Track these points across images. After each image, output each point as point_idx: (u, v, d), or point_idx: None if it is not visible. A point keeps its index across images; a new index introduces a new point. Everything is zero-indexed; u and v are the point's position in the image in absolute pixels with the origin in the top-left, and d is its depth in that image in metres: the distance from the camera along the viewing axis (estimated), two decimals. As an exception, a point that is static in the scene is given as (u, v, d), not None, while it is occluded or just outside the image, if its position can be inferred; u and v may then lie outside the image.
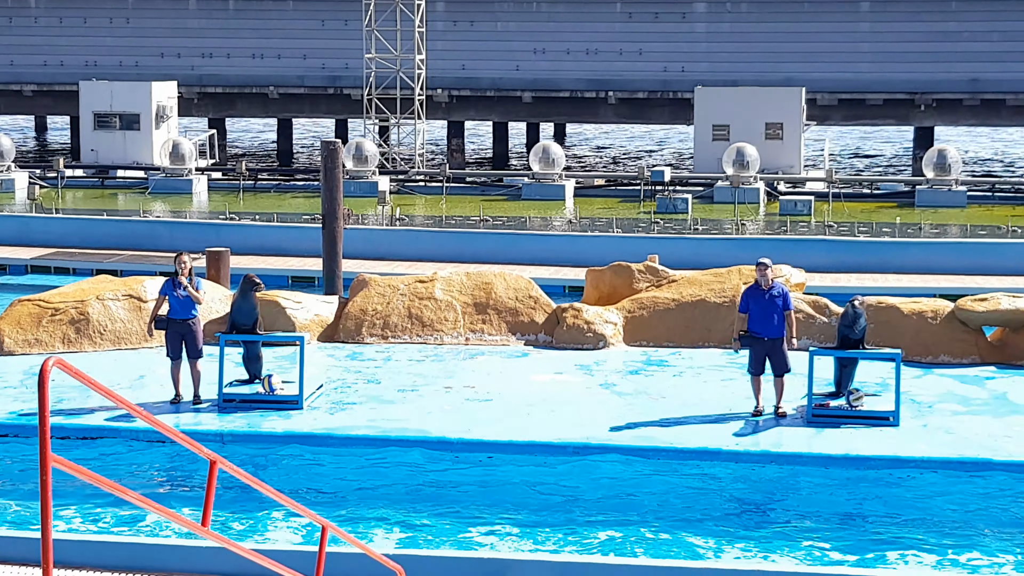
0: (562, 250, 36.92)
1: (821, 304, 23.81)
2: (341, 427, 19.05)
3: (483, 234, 38.34)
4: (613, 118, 59.53)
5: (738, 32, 56.65)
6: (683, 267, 26.54)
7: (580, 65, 57.67)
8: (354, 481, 17.71)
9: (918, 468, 17.75)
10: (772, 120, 49.77)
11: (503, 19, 58.26)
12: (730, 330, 23.35)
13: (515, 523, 16.12)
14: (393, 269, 34.21)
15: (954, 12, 55.03)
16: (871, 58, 55.41)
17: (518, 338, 24.23)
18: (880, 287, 32.40)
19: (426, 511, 16.53)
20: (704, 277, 24.85)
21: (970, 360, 22.75)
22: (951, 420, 19.42)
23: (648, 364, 22.76)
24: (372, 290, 24.82)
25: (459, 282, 24.81)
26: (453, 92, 57.90)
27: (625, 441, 18.52)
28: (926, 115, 55.70)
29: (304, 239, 36.61)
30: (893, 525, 16.18)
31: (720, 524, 16.15)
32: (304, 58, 59.16)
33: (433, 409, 19.87)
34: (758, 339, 19.35)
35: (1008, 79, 54.14)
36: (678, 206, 43.42)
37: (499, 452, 18.40)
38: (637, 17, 57.29)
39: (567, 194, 47.29)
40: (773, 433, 18.88)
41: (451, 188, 48.62)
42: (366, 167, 48.28)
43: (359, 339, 24.16)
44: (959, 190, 45.91)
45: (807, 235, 38.15)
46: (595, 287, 25.69)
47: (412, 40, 52.78)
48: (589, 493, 17.24)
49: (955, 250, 36.38)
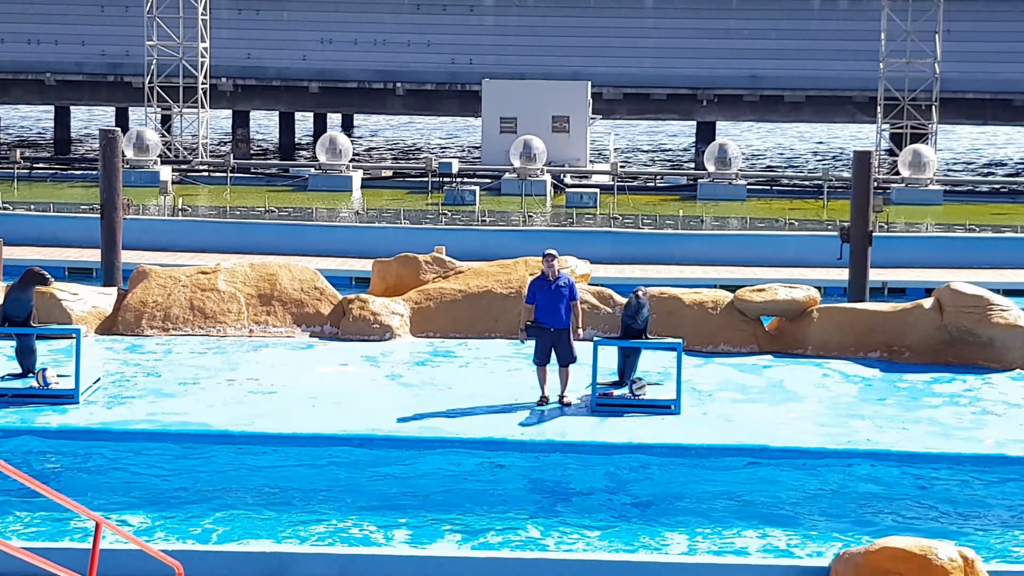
0: (349, 241, 36.73)
1: (606, 295, 24.03)
2: (119, 421, 18.65)
3: (268, 225, 38.00)
4: (401, 109, 59.42)
5: (525, 26, 56.95)
6: (470, 258, 26.57)
7: (368, 56, 57.43)
8: (132, 476, 17.35)
9: (698, 455, 18.03)
10: (559, 113, 50.17)
11: (290, 8, 57.74)
12: (517, 321, 23.48)
13: (298, 517, 15.95)
14: (175, 260, 33.68)
15: (734, 10, 56.04)
16: (655, 54, 56.15)
17: (303, 330, 24.02)
18: (663, 278, 32.86)
19: (206, 506, 16.27)
20: (491, 268, 24.91)
21: (748, 349, 23.17)
22: (730, 408, 19.76)
23: (435, 355, 22.73)
24: (152, 281, 24.37)
25: (243, 273, 24.50)
26: (238, 81, 57.23)
27: (411, 432, 18.47)
28: (708, 110, 56.65)
29: (82, 229, 35.81)
30: (674, 511, 16.39)
31: (506, 513, 16.18)
32: (83, 44, 57.89)
33: (215, 402, 19.58)
34: (544, 329, 19.47)
35: (786, 76, 55.30)
36: (465, 198, 43.53)
37: (283, 445, 18.20)
38: (425, 9, 57.26)
39: (354, 185, 47.10)
40: (558, 422, 19.00)
41: (236, 178, 48.07)
42: (147, 156, 47.52)
43: (139, 332, 23.71)
44: (739, 184, 46.83)
45: (592, 227, 38.54)
46: (382, 278, 25.59)
47: (195, 28, 52.02)
48: (374, 485, 17.15)
49: (735, 242, 37.12)
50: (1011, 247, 37.06)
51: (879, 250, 29.04)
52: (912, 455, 17.99)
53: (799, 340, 23.19)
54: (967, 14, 53.90)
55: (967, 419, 19.47)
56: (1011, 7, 54.90)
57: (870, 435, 18.60)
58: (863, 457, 17.96)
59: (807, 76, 55.14)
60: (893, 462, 17.89)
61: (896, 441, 18.39)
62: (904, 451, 18.09)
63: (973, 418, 19.55)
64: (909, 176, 46.48)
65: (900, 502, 16.80)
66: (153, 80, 51.68)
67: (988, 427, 19.11)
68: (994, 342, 22.22)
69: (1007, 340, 22.20)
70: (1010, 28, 54.73)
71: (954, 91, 52.86)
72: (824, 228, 38.42)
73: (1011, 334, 22.19)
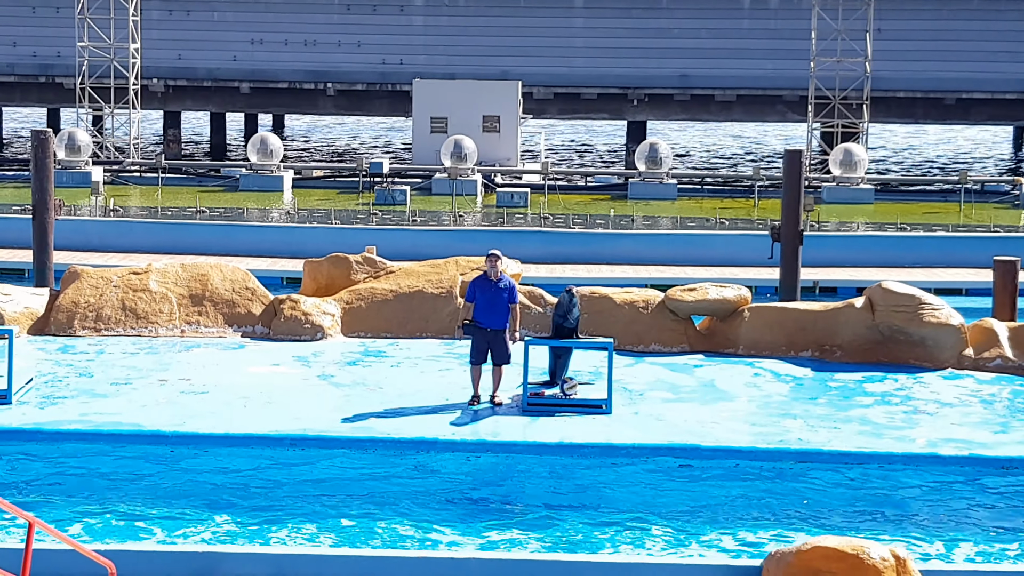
0: (280, 241, 36.69)
1: (536, 295, 24.12)
2: (51, 422, 18.60)
3: (200, 225, 37.88)
4: (332, 110, 59.32)
5: (455, 25, 56.99)
6: (401, 258, 26.61)
7: (298, 56, 57.32)
8: (64, 477, 17.30)
9: (629, 455, 18.14)
10: (489, 113, 50.25)
11: (220, 9, 57.54)
12: (448, 320, 23.56)
13: (230, 517, 15.95)
14: (107, 261, 33.52)
15: (665, 9, 56.29)
16: (585, 53, 56.32)
17: (235, 330, 23.99)
18: (594, 278, 33.03)
19: (139, 506, 16.25)
20: (422, 268, 24.95)
21: (680, 348, 23.30)
22: (661, 407, 19.88)
23: (366, 355, 22.76)
24: (84, 282, 24.28)
25: (174, 274, 24.44)
26: (169, 82, 56.97)
27: (343, 432, 18.50)
28: (638, 109, 56.88)
29: (13, 230, 35.63)
30: (606, 510, 16.50)
31: (438, 513, 16.24)
32: (14, 45, 57.47)
33: (147, 402, 19.54)
34: (481, 329, 19.55)
35: (716, 75, 55.60)
36: (396, 198, 43.53)
37: (215, 445, 18.19)
38: (355, 9, 57.19)
39: (285, 185, 47.01)
40: (490, 422, 19.07)
41: (167, 179, 47.87)
42: (79, 157, 47.24)
43: (71, 332, 23.61)
44: (670, 183, 47.07)
45: (523, 227, 38.65)
46: (313, 278, 25.58)
47: (126, 29, 51.76)
48: (306, 486, 17.16)
49: (666, 241, 37.31)
50: (942, 246, 37.40)
51: (810, 249, 29.27)
52: (843, 454, 18.16)
53: (730, 339, 23.34)
54: (898, 13, 54.38)
55: (899, 418, 19.66)
56: (941, 6, 55.43)
57: (801, 435, 18.76)
58: (794, 457, 18.11)
59: (738, 75, 55.46)
60: (824, 462, 18.04)
61: (827, 440, 18.55)
62: (835, 450, 18.24)
63: (905, 417, 19.73)
64: (840, 175, 46.87)
65: (832, 502, 16.96)
66: (85, 81, 51.37)
67: (919, 426, 19.30)
68: (925, 341, 22.44)
69: (938, 339, 22.42)
70: (941, 27, 55.26)
71: (885, 90, 53.31)
72: (755, 227, 38.70)
73: (942, 333, 22.42)
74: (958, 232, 38.93)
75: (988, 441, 18.63)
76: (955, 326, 22.45)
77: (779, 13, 55.89)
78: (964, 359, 22.46)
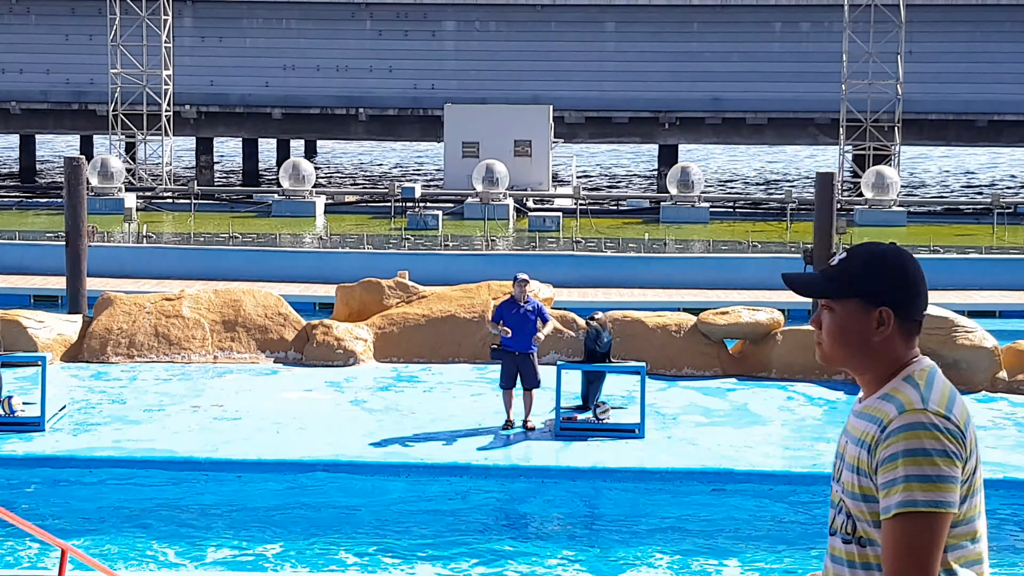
0: (312, 267, 36.75)
1: (569, 319, 24.12)
2: (84, 448, 18.64)
3: (232, 251, 37.96)
4: (364, 135, 59.50)
5: (486, 50, 57.11)
6: (433, 283, 26.63)
7: (330, 82, 57.51)
8: (98, 504, 17.34)
9: (662, 479, 18.09)
10: (520, 137, 50.30)
11: (252, 35, 57.80)
12: (481, 345, 23.52)
13: (264, 542, 15.96)
14: (140, 287, 33.60)
15: (696, 33, 56.32)
16: (616, 77, 56.37)
17: (267, 356, 24.03)
18: (626, 301, 32.96)
19: (173, 532, 16.27)
20: (454, 293, 24.97)
21: (712, 372, 23.27)
22: (694, 431, 19.83)
23: (398, 380, 22.77)
24: (117, 308, 24.37)
25: (207, 299, 24.51)
26: (201, 108, 57.22)
27: (376, 458, 18.50)
28: (670, 133, 56.86)
29: (47, 257, 35.76)
30: (638, 535, 16.45)
31: (471, 538, 16.22)
32: (47, 73, 57.81)
33: (180, 428, 19.58)
34: (509, 353, 19.55)
35: (747, 99, 55.59)
36: (428, 222, 43.57)
37: (248, 471, 18.21)
38: (387, 35, 57.37)
39: (317, 211, 47.11)
40: (522, 447, 19.05)
41: (200, 205, 48.01)
42: (112, 184, 47.45)
43: (104, 358, 23.69)
44: (702, 206, 47.00)
45: (555, 251, 38.63)
46: (345, 303, 25.62)
47: (159, 56, 52.02)
48: (340, 511, 17.17)
49: (698, 265, 37.24)
50: (975, 268, 37.27)
51: (842, 272, 29.12)
52: (875, 477, 18.03)
53: (763, 363, 23.29)
54: (929, 35, 54.30)
55: (930, 440, 19.53)
56: (972, 28, 55.31)
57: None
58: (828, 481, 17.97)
59: (769, 98, 55.44)
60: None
61: (859, 463, 18.43)
62: (867, 473, 18.13)
63: (935, 439, 19.61)
64: (872, 197, 46.75)
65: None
66: (117, 108, 51.64)
67: (951, 448, 19.16)
68: (959, 364, 22.33)
69: (971, 362, 22.33)
70: (971, 49, 55.14)
71: (916, 112, 53.22)
72: (787, 250, 38.58)
73: (975, 356, 22.33)
74: (991, 254, 38.77)
75: (1023, 464, 18.51)
76: (989, 349, 22.36)
77: (810, 36, 55.86)
78: (998, 382, 22.36)
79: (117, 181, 47.63)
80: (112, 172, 47.59)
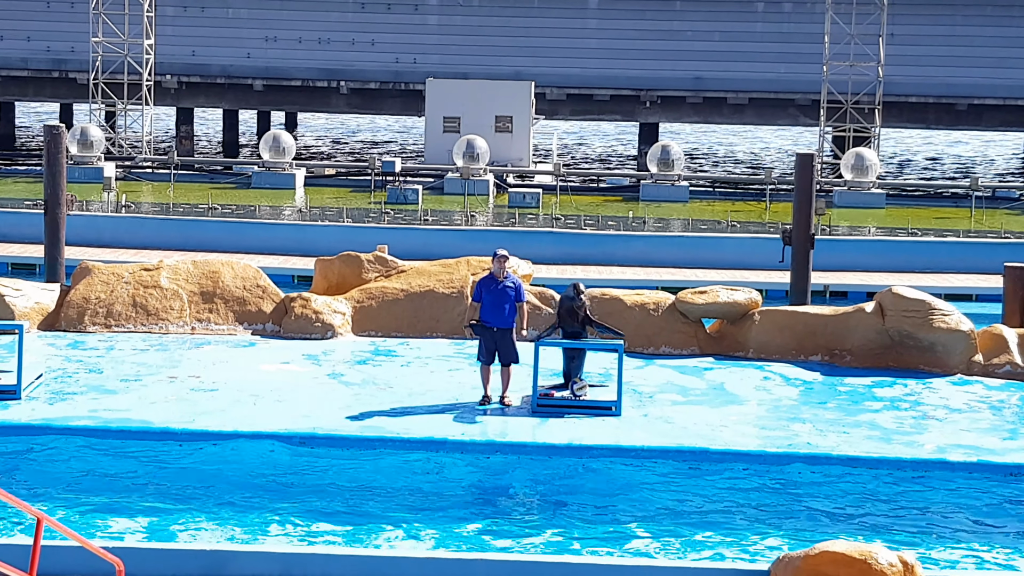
0: (291, 239, 36.72)
1: (547, 295, 24.13)
2: (60, 417, 18.63)
3: (211, 222, 37.91)
4: (345, 108, 59.30)
5: (469, 25, 56.97)
6: (413, 258, 26.62)
7: (312, 54, 57.32)
8: (73, 473, 17.33)
9: (638, 457, 18.14)
10: (502, 113, 50.22)
11: (234, 6, 57.55)
12: (459, 320, 23.57)
13: (239, 515, 15.98)
14: (118, 257, 33.57)
15: (678, 12, 56.24)
16: (598, 54, 56.26)
17: (245, 328, 24.02)
18: (605, 279, 33.01)
19: (148, 503, 16.27)
20: (433, 268, 24.97)
21: (690, 351, 23.31)
22: (671, 410, 19.89)
23: (376, 354, 22.78)
24: (95, 278, 24.32)
25: (186, 270, 24.48)
26: (182, 78, 56.97)
27: (352, 431, 18.52)
28: (651, 111, 56.83)
29: (25, 225, 35.68)
30: (614, 513, 16.50)
31: (446, 512, 16.26)
32: (28, 40, 57.50)
33: (157, 399, 19.58)
34: (487, 328, 19.56)
35: (729, 78, 55.53)
36: (408, 197, 43.53)
37: (224, 442, 18.21)
38: (370, 8, 57.19)
39: (297, 183, 47.03)
40: (499, 423, 19.09)
41: (179, 175, 47.88)
42: (91, 153, 47.29)
43: (81, 328, 23.66)
44: (682, 185, 47.01)
45: (535, 227, 38.64)
46: (324, 277, 25.60)
47: (140, 25, 51.81)
48: (315, 484, 17.18)
49: (677, 244, 37.30)
50: (953, 251, 37.37)
51: (821, 253, 29.21)
52: (852, 459, 18.14)
53: (740, 343, 23.35)
54: (910, 18, 54.29)
55: (908, 423, 19.65)
56: (954, 11, 55.33)
57: (810, 439, 18.75)
58: (803, 461, 18.09)
59: (750, 78, 55.39)
60: (833, 466, 18.03)
61: (836, 445, 18.54)
62: (844, 455, 18.23)
63: (914, 422, 19.72)
64: (851, 179, 46.81)
65: (840, 506, 16.95)
66: (98, 76, 51.43)
67: (928, 432, 19.29)
68: (935, 346, 22.42)
69: (948, 344, 22.41)
70: (953, 32, 55.17)
71: (897, 95, 53.24)
72: (766, 230, 38.66)
73: (952, 338, 22.41)
74: (969, 238, 38.87)
75: (996, 447, 18.61)
76: (965, 332, 22.43)
77: (792, 17, 55.82)
78: (974, 365, 22.45)
79: (97, 150, 47.46)
80: (92, 141, 47.41)
